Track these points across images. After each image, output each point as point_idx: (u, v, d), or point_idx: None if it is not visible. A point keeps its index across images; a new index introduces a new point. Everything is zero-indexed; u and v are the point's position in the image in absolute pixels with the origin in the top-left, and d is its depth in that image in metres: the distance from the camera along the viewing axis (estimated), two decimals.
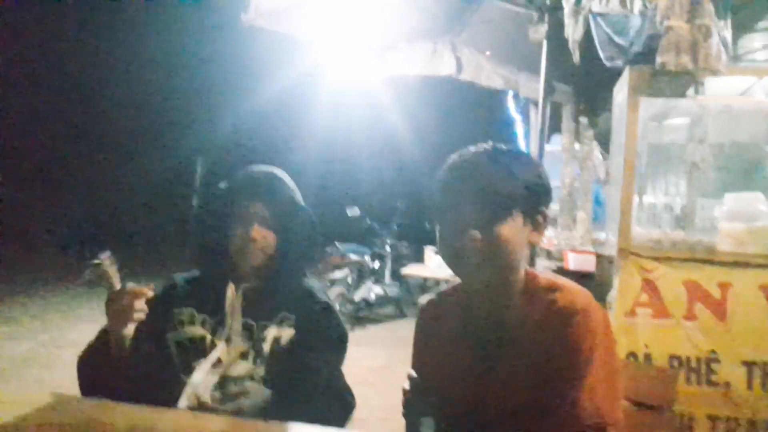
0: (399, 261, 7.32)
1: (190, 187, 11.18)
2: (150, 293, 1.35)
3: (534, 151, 5.02)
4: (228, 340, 1.47)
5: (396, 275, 7.23)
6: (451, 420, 1.15)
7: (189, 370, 1.43)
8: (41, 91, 13.15)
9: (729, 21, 2.44)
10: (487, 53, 4.75)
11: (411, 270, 7.03)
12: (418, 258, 7.40)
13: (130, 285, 1.34)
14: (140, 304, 1.33)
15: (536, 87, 4.16)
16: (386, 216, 7.77)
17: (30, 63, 12.91)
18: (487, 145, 1.23)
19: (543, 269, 4.15)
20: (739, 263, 2.38)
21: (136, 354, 1.37)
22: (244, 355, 1.46)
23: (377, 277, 7.12)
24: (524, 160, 1.23)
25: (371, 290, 6.88)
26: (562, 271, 3.84)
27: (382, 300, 7.07)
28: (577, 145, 5.26)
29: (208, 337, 1.47)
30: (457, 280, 1.27)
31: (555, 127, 5.38)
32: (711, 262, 2.42)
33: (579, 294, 1.17)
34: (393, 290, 7.19)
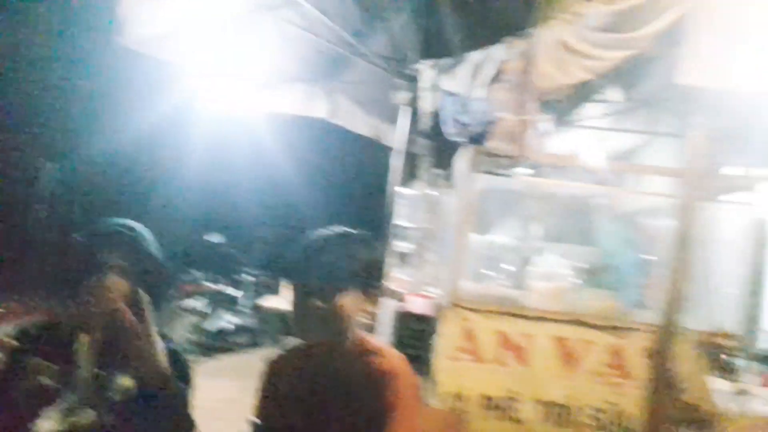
0: (258, 292, 7.35)
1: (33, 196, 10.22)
2: (11, 342, 1.38)
3: (392, 196, 5.46)
4: (77, 390, 1.49)
5: (253, 306, 7.24)
6: None
7: (37, 419, 1.45)
8: None
9: (552, 114, 2.98)
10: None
11: (269, 302, 7.09)
12: (277, 290, 7.48)
13: None
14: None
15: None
16: (251, 246, 7.79)
17: None
18: (338, 229, 1.50)
19: (388, 308, 4.52)
20: (540, 318, 2.86)
21: None
22: (93, 405, 1.49)
23: (233, 306, 7.09)
24: (366, 244, 1.52)
25: (226, 319, 6.83)
26: (403, 313, 4.21)
27: (238, 330, 7.03)
28: (432, 192, 5.77)
29: (57, 386, 1.49)
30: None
31: (414, 174, 5.87)
32: (519, 316, 2.87)
33: (395, 358, 1.46)
34: (249, 321, 7.19)
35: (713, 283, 3.25)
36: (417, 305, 4.06)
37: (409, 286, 4.76)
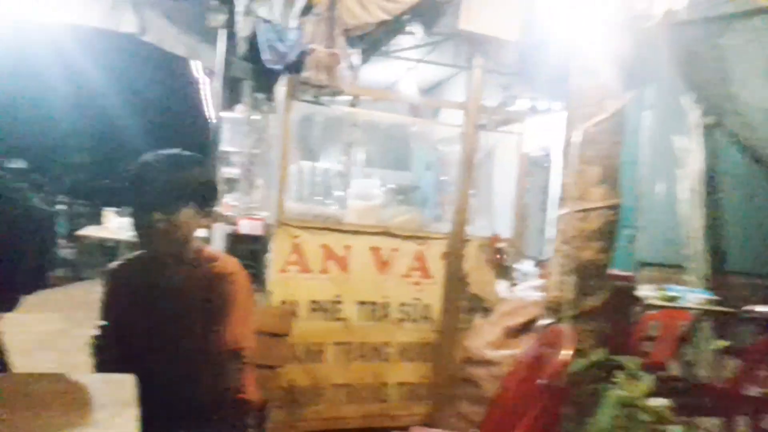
0: (75, 221, 6.89)
1: None
2: None
3: (214, 120, 5.39)
4: None
5: (71, 237, 6.81)
6: (135, 355, 1.55)
7: None
8: None
9: (360, 49, 3.21)
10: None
11: (89, 231, 6.72)
12: (96, 219, 7.08)
13: None
14: None
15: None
16: (60, 171, 7.15)
17: None
18: (174, 151, 1.64)
19: (221, 232, 4.64)
20: (356, 231, 3.24)
21: None
22: None
23: None
24: (201, 165, 1.69)
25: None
26: (236, 235, 4.38)
27: (56, 262, 6.59)
28: (256, 116, 5.79)
29: None
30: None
31: (237, 98, 5.80)
32: (339, 231, 3.22)
33: (229, 262, 1.70)
34: (67, 252, 6.77)
35: (493, 198, 3.93)
36: (248, 227, 4.25)
37: (239, 211, 4.90)
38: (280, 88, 3.17)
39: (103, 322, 1.67)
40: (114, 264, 1.76)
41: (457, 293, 3.35)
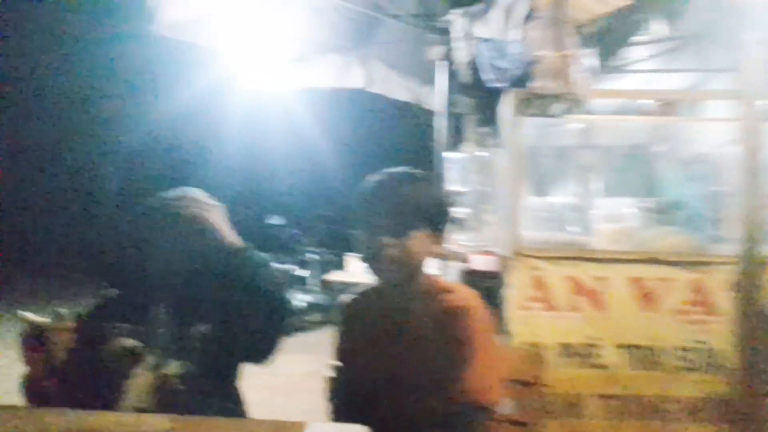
0: (324, 268, 7.46)
1: (100, 198, 10.80)
2: (70, 326, 1.44)
3: (439, 160, 5.33)
4: (160, 344, 1.59)
5: (321, 283, 7.37)
6: (366, 398, 1.40)
7: (126, 377, 1.55)
8: None
9: (596, 49, 2.78)
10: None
11: (334, 276, 7.19)
12: (342, 265, 7.58)
13: (49, 324, 1.43)
14: (61, 343, 1.42)
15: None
16: (308, 224, 7.89)
17: None
18: (403, 169, 1.48)
19: (452, 269, 4.46)
20: (612, 259, 2.72)
21: (74, 368, 1.48)
22: (177, 356, 1.58)
23: (303, 285, 7.23)
24: (431, 184, 1.52)
25: (299, 298, 6.98)
26: (468, 272, 4.13)
27: (309, 307, 7.18)
28: (481, 153, 5.60)
29: (140, 344, 1.58)
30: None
31: (461, 136, 5.69)
32: (589, 260, 2.74)
33: (467, 295, 1.45)
34: (319, 297, 7.32)
35: None
36: (481, 262, 3.97)
37: (470, 249, 4.67)
38: (505, 107, 2.89)
39: (337, 363, 1.55)
40: (347, 298, 1.66)
41: (756, 333, 2.57)
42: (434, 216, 1.44)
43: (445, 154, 5.27)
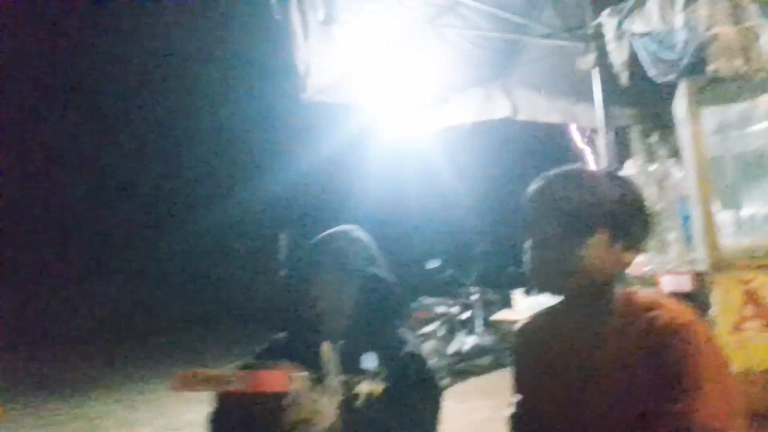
0: (488, 309, 7.20)
1: (274, 260, 11.69)
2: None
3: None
4: (326, 395, 1.52)
5: (487, 324, 7.10)
6: None
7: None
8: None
9: None
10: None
11: (500, 316, 6.88)
12: (507, 303, 7.25)
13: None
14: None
15: (595, 116, 4.15)
16: (465, 264, 7.73)
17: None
18: (570, 166, 1.28)
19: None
20: None
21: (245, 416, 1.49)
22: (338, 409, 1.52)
23: (468, 327, 7.02)
24: (609, 179, 1.25)
25: (464, 341, 6.78)
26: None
27: (477, 350, 6.93)
28: (652, 166, 5.07)
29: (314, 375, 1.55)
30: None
31: (626, 151, 5.23)
32: None
33: (678, 309, 1.17)
34: (486, 339, 7.05)
35: None
36: (673, 283, 3.48)
37: (655, 270, 4.15)
38: (680, 100, 2.56)
39: (517, 396, 1.35)
40: (520, 323, 1.44)
41: None
42: (620, 216, 1.20)
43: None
